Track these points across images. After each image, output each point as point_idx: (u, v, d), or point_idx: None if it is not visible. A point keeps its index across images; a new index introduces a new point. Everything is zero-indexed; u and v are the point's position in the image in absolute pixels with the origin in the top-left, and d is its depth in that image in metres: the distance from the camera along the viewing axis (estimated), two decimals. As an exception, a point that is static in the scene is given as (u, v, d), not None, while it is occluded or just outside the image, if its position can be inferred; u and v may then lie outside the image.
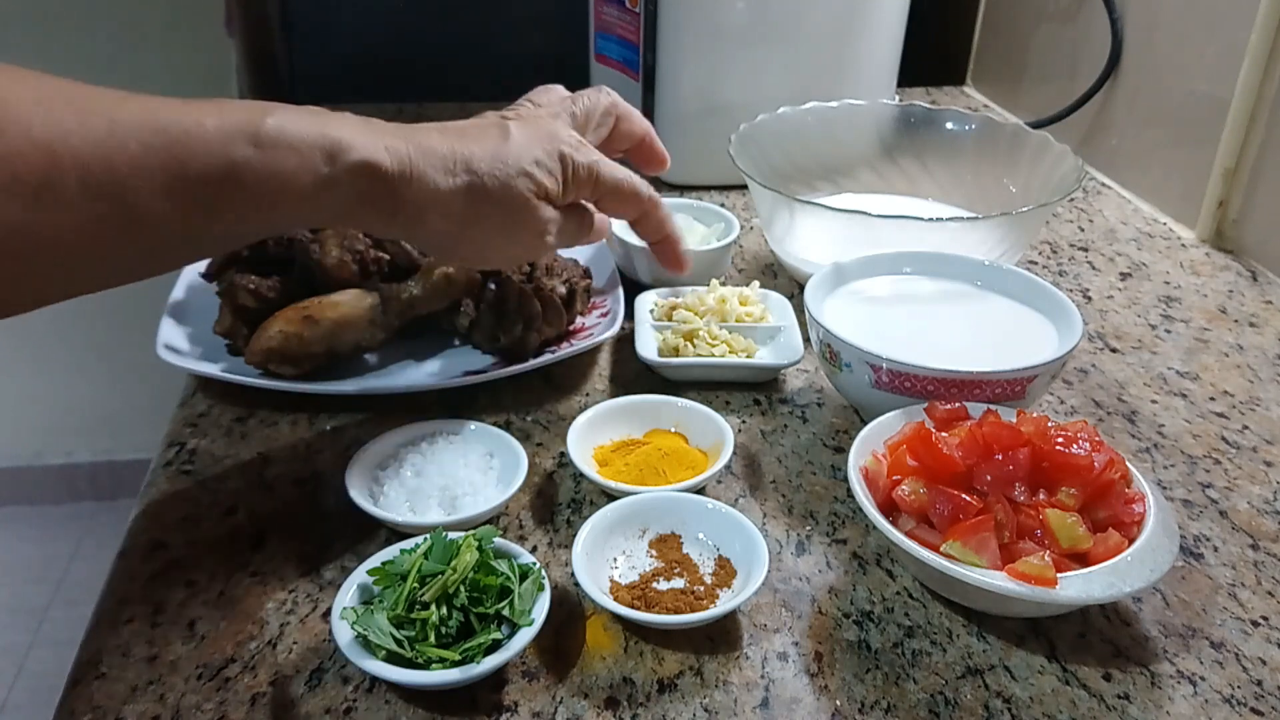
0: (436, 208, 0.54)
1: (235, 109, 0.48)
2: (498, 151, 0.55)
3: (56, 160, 0.42)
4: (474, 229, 0.56)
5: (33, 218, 0.42)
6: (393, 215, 0.53)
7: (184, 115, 0.46)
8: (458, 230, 0.55)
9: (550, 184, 0.57)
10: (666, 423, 0.67)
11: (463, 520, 0.57)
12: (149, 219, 0.45)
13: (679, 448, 0.64)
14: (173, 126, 0.45)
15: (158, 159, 0.45)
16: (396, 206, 0.53)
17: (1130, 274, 0.93)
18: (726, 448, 0.62)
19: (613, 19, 1.10)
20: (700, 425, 0.66)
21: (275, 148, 0.48)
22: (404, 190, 0.52)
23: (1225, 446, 0.69)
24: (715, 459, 0.62)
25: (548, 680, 0.50)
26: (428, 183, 0.53)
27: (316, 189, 0.49)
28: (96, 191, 0.43)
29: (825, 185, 0.96)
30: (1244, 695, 0.50)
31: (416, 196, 0.53)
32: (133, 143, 0.44)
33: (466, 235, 0.56)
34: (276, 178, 0.48)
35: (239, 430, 0.68)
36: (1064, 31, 1.19)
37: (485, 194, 0.55)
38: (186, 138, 0.45)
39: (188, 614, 0.54)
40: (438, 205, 0.53)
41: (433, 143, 0.54)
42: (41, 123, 0.42)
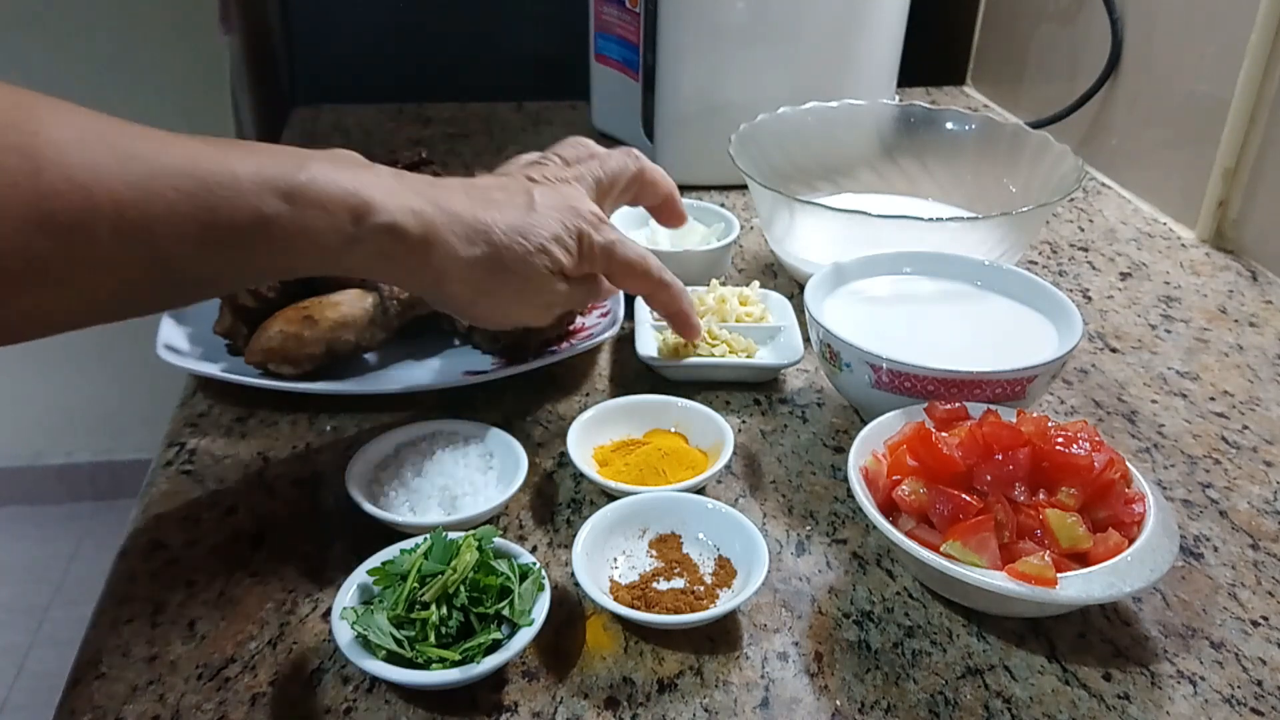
0: (456, 274, 0.55)
1: (272, 159, 0.49)
2: (519, 224, 0.57)
3: (93, 202, 0.42)
4: (489, 296, 0.58)
5: (63, 255, 0.42)
6: (414, 275, 0.55)
7: (221, 163, 0.47)
8: (474, 296, 0.57)
9: (565, 260, 0.59)
10: (666, 423, 0.67)
11: (463, 520, 0.57)
12: (176, 264, 0.47)
13: (679, 448, 0.64)
14: (209, 177, 0.46)
15: (192, 208, 0.45)
16: (418, 268, 0.55)
17: (1130, 274, 0.93)
18: (726, 448, 0.62)
19: (613, 19, 1.10)
20: (700, 425, 0.66)
21: (305, 204, 0.49)
22: (426, 254, 0.54)
23: (1225, 446, 0.69)
24: (715, 459, 0.62)
25: (548, 680, 0.50)
26: (449, 250, 0.55)
27: (341, 247, 0.51)
28: (129, 236, 0.44)
29: (825, 185, 0.96)
30: (1244, 695, 0.50)
31: (438, 262, 0.55)
32: (169, 190, 0.45)
33: (483, 300, 0.58)
34: (304, 234, 0.49)
35: (239, 430, 0.68)
36: (1064, 31, 1.19)
37: (502, 266, 0.57)
38: (220, 187, 0.46)
39: (188, 614, 0.54)
40: (457, 272, 0.55)
41: (458, 208, 0.55)
42: (80, 162, 0.42)
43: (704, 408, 0.66)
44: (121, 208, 0.43)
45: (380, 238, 0.52)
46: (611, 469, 0.62)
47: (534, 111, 1.29)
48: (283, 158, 0.50)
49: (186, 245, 0.46)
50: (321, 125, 1.24)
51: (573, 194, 0.61)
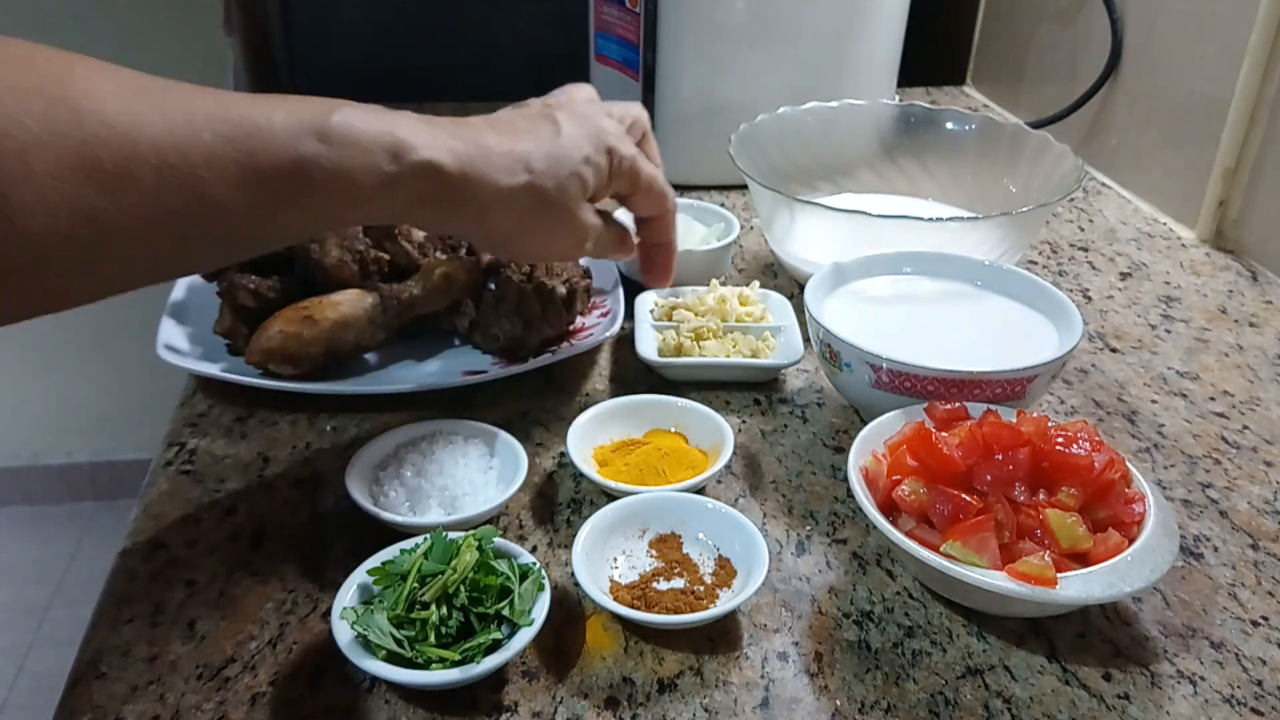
0: (498, 205, 0.55)
1: (303, 105, 0.49)
2: (552, 149, 0.56)
3: (135, 148, 0.42)
4: (530, 225, 0.57)
5: (110, 205, 0.42)
6: (454, 213, 0.54)
7: (254, 109, 0.47)
8: (517, 226, 0.57)
9: (596, 180, 0.59)
10: (666, 423, 0.67)
11: (463, 520, 0.57)
12: (220, 210, 0.46)
13: (679, 448, 0.64)
14: (244, 120, 0.46)
15: (231, 151, 0.45)
16: (458, 205, 0.54)
17: (1130, 274, 0.93)
18: (726, 447, 0.62)
19: (613, 19, 1.10)
20: (700, 425, 0.66)
21: (342, 144, 0.49)
22: (466, 190, 0.53)
23: (1225, 446, 0.69)
24: (715, 459, 0.62)
25: (548, 680, 0.50)
26: (489, 182, 0.54)
27: (381, 186, 0.50)
28: (173, 182, 0.44)
29: (825, 185, 0.96)
30: (1244, 695, 0.50)
31: (479, 195, 0.54)
32: (207, 134, 0.44)
33: (525, 230, 0.57)
34: (343, 174, 0.49)
35: (239, 430, 0.68)
36: (1064, 31, 1.19)
37: (542, 193, 0.56)
38: (257, 131, 0.46)
39: (188, 614, 0.54)
40: (500, 203, 0.55)
41: (490, 142, 0.54)
42: (119, 110, 0.42)
43: (704, 408, 0.66)
44: (162, 152, 0.43)
45: (419, 177, 0.51)
46: (611, 469, 0.62)
47: (534, 111, 1.29)
48: (314, 103, 0.49)
49: (229, 189, 0.45)
50: (321, 125, 1.24)
51: (595, 115, 0.61)
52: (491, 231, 0.56)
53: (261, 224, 0.49)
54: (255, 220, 0.48)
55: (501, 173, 0.54)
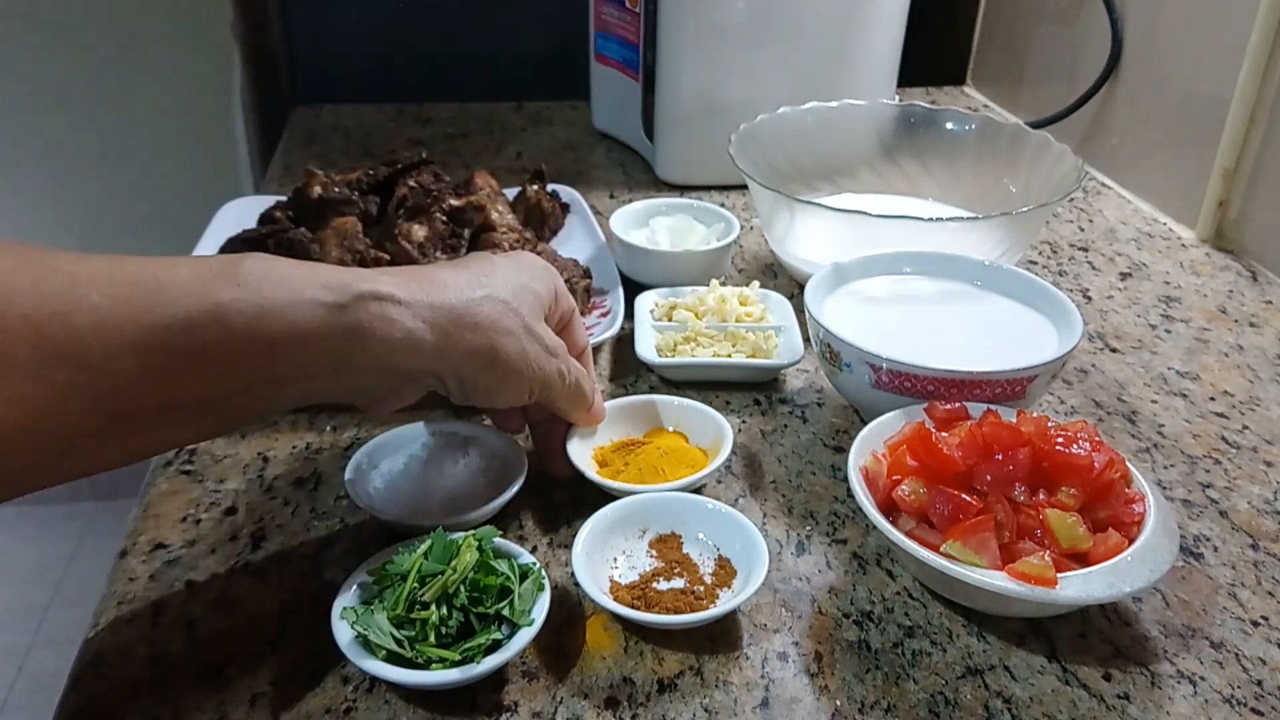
0: (468, 334, 0.51)
1: (209, 258, 0.45)
2: (509, 275, 0.55)
3: (2, 320, 0.38)
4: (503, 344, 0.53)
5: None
6: (411, 355, 0.49)
7: (154, 265, 0.42)
8: (489, 353, 0.52)
9: (548, 299, 0.57)
10: (667, 422, 0.67)
11: (463, 520, 0.57)
12: (117, 383, 0.40)
13: (679, 447, 0.64)
14: (142, 276, 0.41)
15: (125, 311, 0.40)
16: (416, 343, 0.49)
17: (1130, 274, 0.93)
18: (725, 445, 0.62)
19: (613, 19, 1.10)
20: (700, 424, 0.65)
21: (263, 282, 0.44)
22: (422, 319, 0.49)
23: (1225, 446, 0.69)
24: (715, 457, 0.62)
25: (548, 680, 0.50)
26: (450, 306, 0.50)
27: (320, 320, 0.45)
28: (54, 353, 0.38)
29: (825, 185, 0.96)
30: (1244, 695, 0.50)
31: (441, 325, 0.50)
32: (94, 295, 0.40)
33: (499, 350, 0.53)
34: (269, 313, 0.43)
35: (239, 430, 0.68)
36: (1064, 31, 1.19)
37: (508, 308, 0.53)
38: (157, 284, 0.41)
39: (187, 614, 0.54)
40: (470, 330, 0.51)
41: (443, 275, 0.52)
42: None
43: (703, 406, 0.66)
44: (39, 325, 0.38)
45: (366, 301, 0.47)
46: (611, 469, 0.62)
47: (534, 111, 1.29)
48: (221, 257, 0.45)
49: (124, 358, 0.40)
50: (321, 125, 1.24)
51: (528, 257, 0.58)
52: (464, 369, 0.51)
53: (171, 396, 0.42)
54: (163, 391, 0.42)
55: (462, 292, 0.51)
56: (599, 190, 1.07)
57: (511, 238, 0.78)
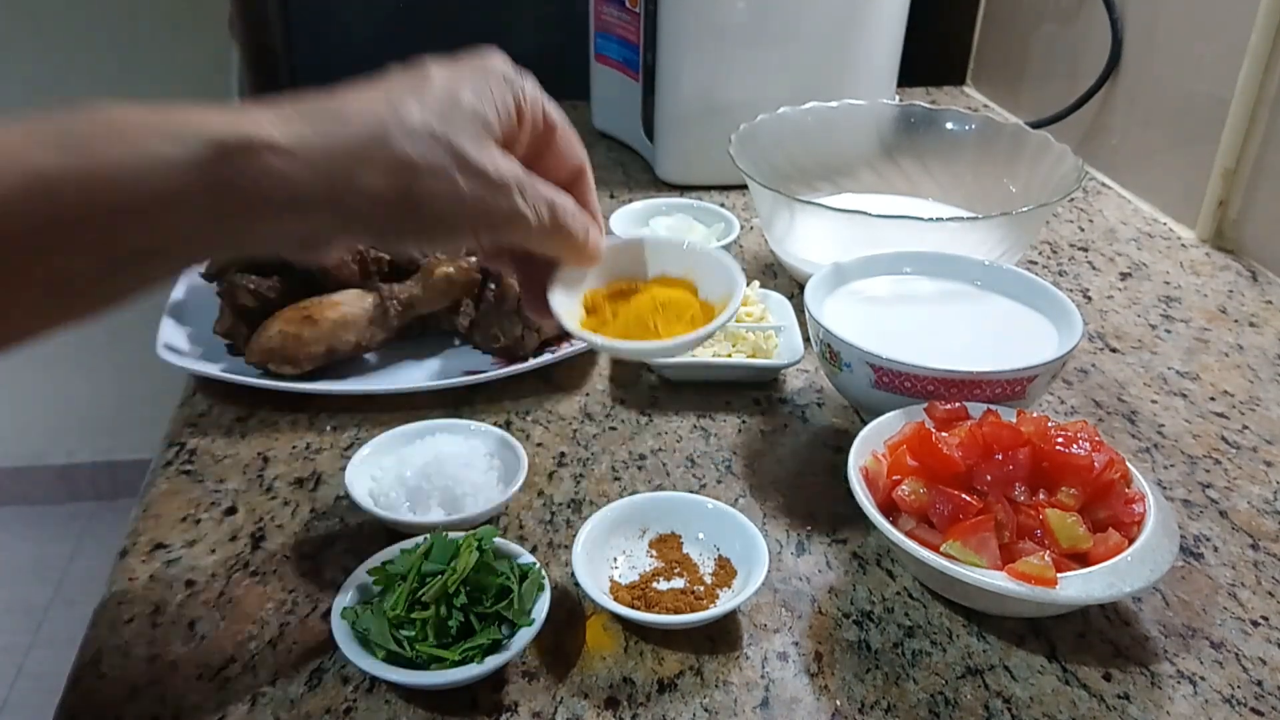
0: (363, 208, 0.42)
1: (41, 119, 0.37)
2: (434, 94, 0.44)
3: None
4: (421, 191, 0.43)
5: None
6: (303, 213, 0.40)
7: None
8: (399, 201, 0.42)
9: (502, 117, 0.45)
10: (675, 266, 0.56)
11: (463, 520, 0.57)
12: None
13: (680, 299, 0.54)
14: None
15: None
16: (301, 200, 0.40)
17: (1130, 274, 0.93)
18: (734, 300, 0.52)
19: (613, 19, 1.10)
20: (712, 274, 0.55)
21: (99, 141, 0.36)
22: (308, 169, 0.40)
23: (1225, 446, 0.69)
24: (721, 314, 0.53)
25: (548, 680, 0.50)
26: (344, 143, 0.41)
27: (173, 182, 0.37)
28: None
29: (825, 185, 0.96)
30: (1244, 695, 0.50)
31: (333, 171, 0.40)
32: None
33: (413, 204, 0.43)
34: (103, 180, 0.36)
35: (239, 430, 0.68)
36: (1064, 31, 1.19)
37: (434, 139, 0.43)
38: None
39: (187, 614, 0.54)
40: (365, 206, 0.42)
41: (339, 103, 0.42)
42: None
43: (721, 254, 0.56)
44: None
45: (236, 157, 0.38)
46: (598, 319, 0.53)
47: (534, 111, 1.29)
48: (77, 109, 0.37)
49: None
50: (321, 125, 1.24)
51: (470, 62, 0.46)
52: (354, 220, 0.42)
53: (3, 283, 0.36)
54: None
55: (366, 123, 0.41)
56: (599, 190, 1.05)
57: (511, 238, 0.78)
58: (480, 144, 0.43)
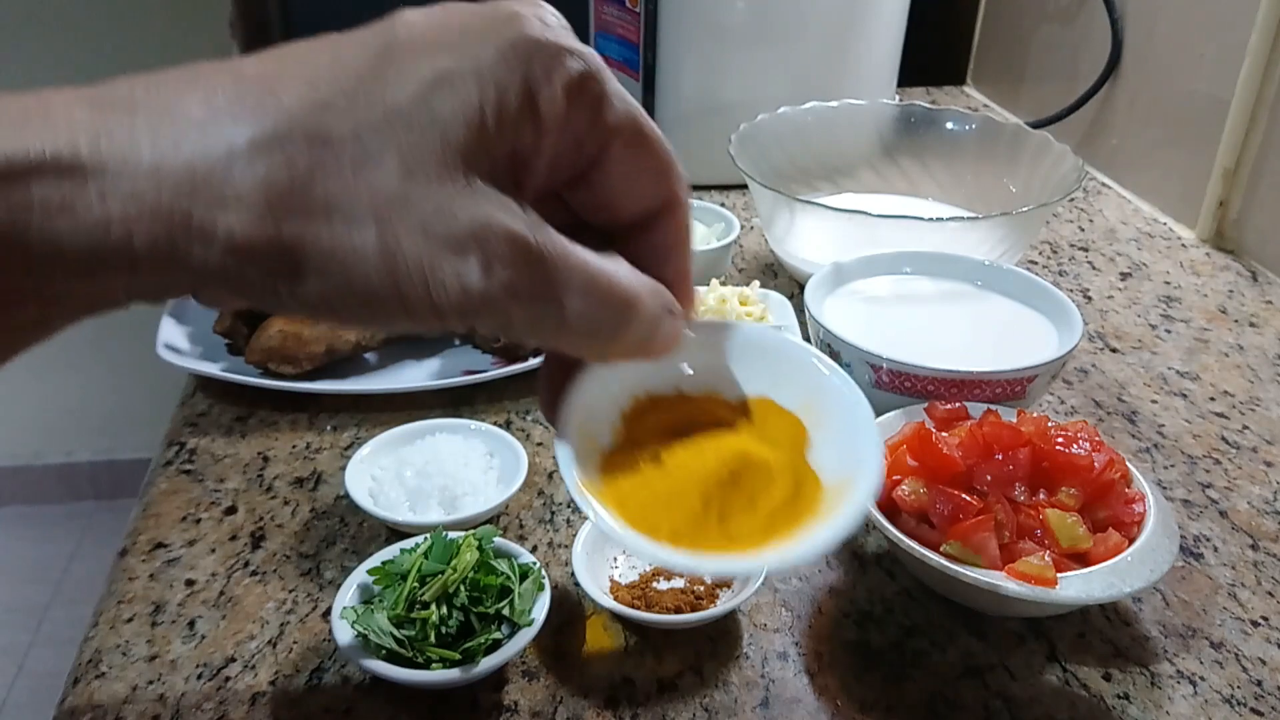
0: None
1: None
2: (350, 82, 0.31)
3: None
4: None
5: None
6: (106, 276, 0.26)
7: None
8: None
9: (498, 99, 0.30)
10: (790, 394, 0.36)
11: (463, 520, 0.57)
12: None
13: (771, 464, 0.34)
14: None
15: None
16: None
17: (1130, 274, 0.93)
18: (857, 495, 0.33)
19: (613, 19, 1.10)
20: (839, 423, 0.35)
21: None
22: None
23: (1225, 446, 0.69)
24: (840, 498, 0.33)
25: (548, 680, 0.50)
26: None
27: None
28: None
29: (825, 185, 0.96)
30: (1244, 695, 0.50)
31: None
32: None
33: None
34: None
35: (239, 430, 0.68)
36: (1064, 31, 1.19)
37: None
38: None
39: (188, 613, 0.54)
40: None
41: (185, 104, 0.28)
42: None
43: (862, 398, 0.36)
44: None
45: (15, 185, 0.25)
46: (629, 474, 0.34)
47: (534, 111, 1.29)
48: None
49: None
50: (322, 125, 1.24)
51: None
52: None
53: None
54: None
55: (243, 127, 0.27)
56: (599, 190, 1.07)
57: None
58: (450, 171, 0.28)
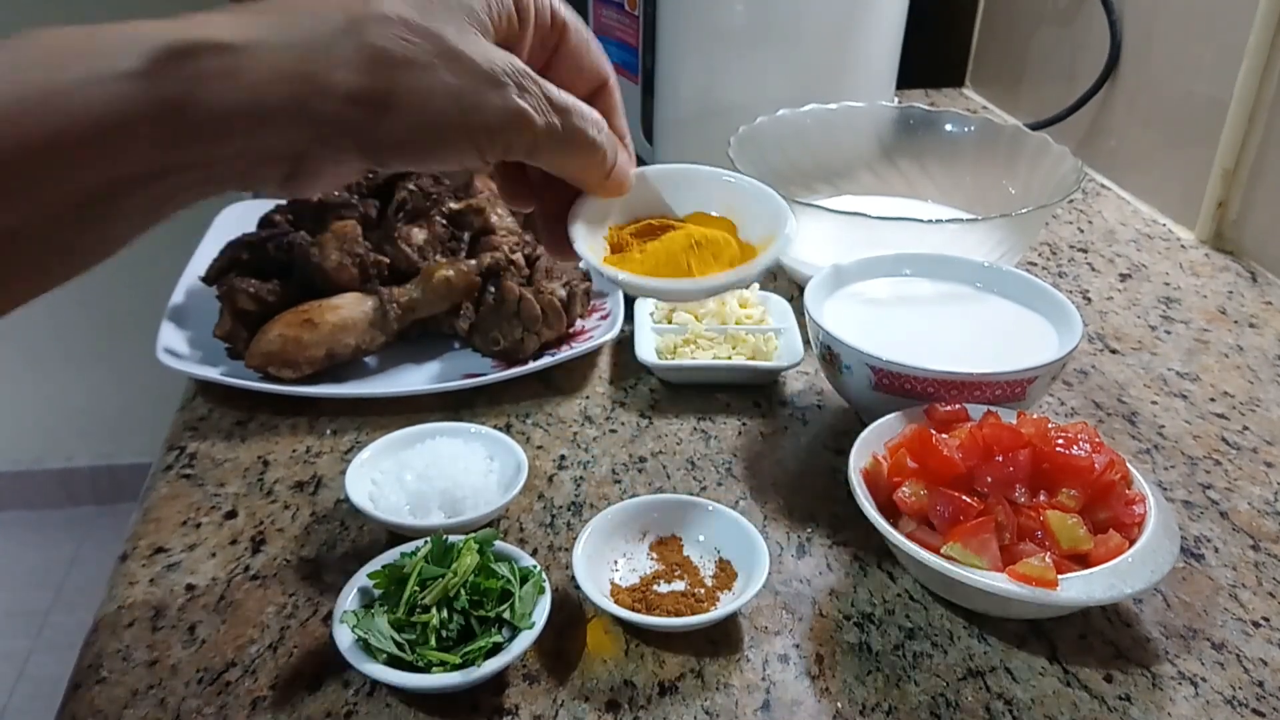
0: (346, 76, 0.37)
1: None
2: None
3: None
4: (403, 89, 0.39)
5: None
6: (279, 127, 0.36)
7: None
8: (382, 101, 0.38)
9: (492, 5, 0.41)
10: (714, 205, 0.51)
11: (463, 523, 0.57)
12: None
13: (718, 238, 0.49)
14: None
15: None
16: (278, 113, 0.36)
17: (1130, 275, 0.93)
18: (779, 240, 0.48)
19: (611, 22, 1.10)
20: (756, 211, 0.50)
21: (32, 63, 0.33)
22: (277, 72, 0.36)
23: (1225, 447, 0.69)
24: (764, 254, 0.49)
25: (549, 683, 0.50)
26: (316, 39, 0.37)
27: (119, 99, 0.33)
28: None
29: (825, 187, 0.96)
30: (1245, 696, 0.50)
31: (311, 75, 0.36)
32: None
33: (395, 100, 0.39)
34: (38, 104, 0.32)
35: (239, 434, 0.68)
36: (1063, 33, 1.20)
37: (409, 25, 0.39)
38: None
39: (188, 618, 0.54)
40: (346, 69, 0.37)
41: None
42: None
43: (765, 189, 0.51)
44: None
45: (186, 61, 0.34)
46: (622, 257, 0.48)
47: (533, 114, 1.29)
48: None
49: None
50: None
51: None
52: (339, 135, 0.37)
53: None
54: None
55: (328, 16, 0.37)
56: (598, 193, 1.07)
57: (511, 240, 0.78)
58: (469, 36, 0.38)
